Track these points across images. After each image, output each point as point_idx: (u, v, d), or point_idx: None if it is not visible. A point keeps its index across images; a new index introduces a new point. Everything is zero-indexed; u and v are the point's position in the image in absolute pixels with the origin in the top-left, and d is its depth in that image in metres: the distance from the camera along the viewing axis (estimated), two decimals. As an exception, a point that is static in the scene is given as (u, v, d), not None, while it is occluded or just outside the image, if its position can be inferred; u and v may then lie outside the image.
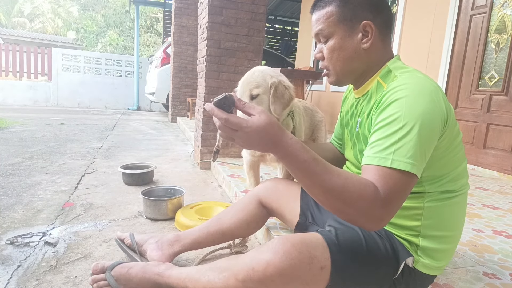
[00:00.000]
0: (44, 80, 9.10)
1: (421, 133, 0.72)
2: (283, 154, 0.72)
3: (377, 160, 0.73)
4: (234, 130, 0.71)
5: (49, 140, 3.83)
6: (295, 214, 1.20)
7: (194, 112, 5.28)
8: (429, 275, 0.90)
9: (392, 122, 0.74)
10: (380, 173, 0.71)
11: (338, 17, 0.88)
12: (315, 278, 0.79)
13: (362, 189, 0.69)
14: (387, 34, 0.91)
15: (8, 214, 1.74)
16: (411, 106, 0.74)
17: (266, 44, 10.31)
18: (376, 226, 0.72)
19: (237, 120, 0.70)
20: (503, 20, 2.98)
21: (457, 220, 0.90)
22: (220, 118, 0.70)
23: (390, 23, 0.92)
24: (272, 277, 0.77)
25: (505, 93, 2.94)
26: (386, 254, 0.85)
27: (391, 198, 0.70)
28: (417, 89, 0.77)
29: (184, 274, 0.97)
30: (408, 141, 0.72)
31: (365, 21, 0.86)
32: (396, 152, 0.71)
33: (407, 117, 0.73)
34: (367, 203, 0.69)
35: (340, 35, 0.88)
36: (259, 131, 0.70)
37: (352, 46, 0.88)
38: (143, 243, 1.30)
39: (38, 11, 20.28)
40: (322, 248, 0.81)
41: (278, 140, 0.71)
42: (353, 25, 0.87)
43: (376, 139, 0.76)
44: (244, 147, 0.74)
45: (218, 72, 2.82)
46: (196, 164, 3.06)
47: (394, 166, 0.71)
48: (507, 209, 1.97)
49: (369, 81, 0.92)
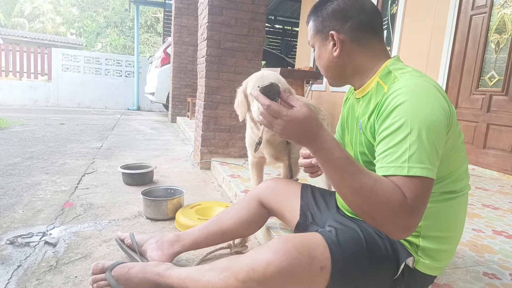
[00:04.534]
0: (44, 80, 9.10)
1: (430, 136, 0.72)
2: (318, 148, 0.74)
3: (393, 169, 0.72)
4: (274, 117, 0.73)
5: (49, 140, 3.83)
6: (295, 214, 1.20)
7: (194, 112, 5.28)
8: (429, 275, 0.90)
9: (399, 129, 0.74)
10: (401, 182, 0.71)
11: (314, 30, 0.97)
12: (316, 278, 0.79)
13: (391, 193, 0.69)
14: (365, 38, 0.91)
15: (8, 214, 1.74)
16: (415, 109, 0.74)
17: (266, 44, 10.30)
18: (403, 233, 0.72)
19: (278, 108, 0.73)
20: (503, 20, 2.98)
21: (458, 221, 0.90)
22: (263, 104, 0.74)
23: (369, 26, 0.91)
24: (273, 277, 0.77)
25: (505, 93, 2.94)
26: (386, 255, 0.85)
27: (417, 205, 0.70)
28: (419, 91, 0.77)
29: (184, 274, 0.97)
30: (420, 146, 0.72)
31: (331, 32, 0.91)
32: (410, 159, 0.71)
33: (413, 122, 0.73)
34: (394, 208, 0.69)
35: (317, 45, 0.97)
36: (298, 121, 0.72)
37: (326, 55, 0.95)
38: (143, 243, 1.30)
39: (38, 11, 20.28)
40: (323, 248, 0.81)
41: (314, 134, 0.73)
42: (325, 36, 0.94)
43: (386, 148, 0.76)
44: (281, 135, 0.75)
45: (218, 72, 2.82)
46: (196, 164, 3.06)
47: (411, 173, 0.70)
48: (507, 209, 1.97)
49: (368, 82, 0.93)
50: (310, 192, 1.23)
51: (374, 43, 0.93)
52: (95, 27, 17.75)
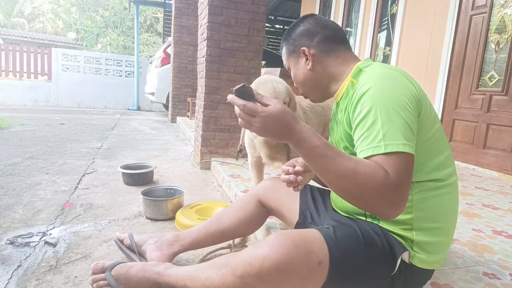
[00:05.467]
0: (44, 80, 9.10)
1: (398, 113, 0.77)
2: (296, 140, 0.76)
3: (371, 150, 0.76)
4: (251, 116, 0.76)
5: (49, 140, 3.83)
6: (295, 214, 1.21)
7: (194, 112, 5.28)
8: (427, 270, 0.91)
9: (369, 113, 0.79)
10: (381, 161, 0.74)
11: (287, 53, 1.09)
12: (313, 273, 0.79)
13: (373, 171, 0.72)
14: (332, 48, 1.01)
15: (8, 214, 1.74)
16: (380, 92, 0.80)
17: (266, 44, 10.30)
18: (393, 210, 0.74)
19: (254, 106, 0.76)
20: (503, 20, 2.98)
21: (449, 211, 0.91)
22: (238, 105, 0.76)
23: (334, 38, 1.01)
24: (270, 271, 0.77)
25: (505, 93, 2.94)
26: (383, 251, 0.86)
27: (400, 180, 0.72)
28: (383, 77, 0.84)
29: (183, 273, 0.97)
30: (391, 124, 0.76)
31: (302, 48, 1.01)
32: (385, 137, 0.75)
33: (380, 103, 0.78)
34: (379, 185, 0.71)
35: (292, 65, 1.08)
36: (274, 116, 0.75)
37: (301, 70, 1.05)
38: (142, 243, 1.30)
39: (38, 11, 20.29)
40: (320, 243, 0.81)
41: (291, 127, 0.76)
42: (297, 54, 1.05)
43: (361, 133, 0.80)
44: (260, 133, 0.78)
45: (218, 72, 2.82)
46: (196, 164, 3.06)
47: (389, 150, 0.74)
48: (507, 209, 1.97)
49: (343, 84, 0.99)
50: (309, 192, 1.24)
51: (342, 51, 1.02)
52: (95, 28, 17.75)
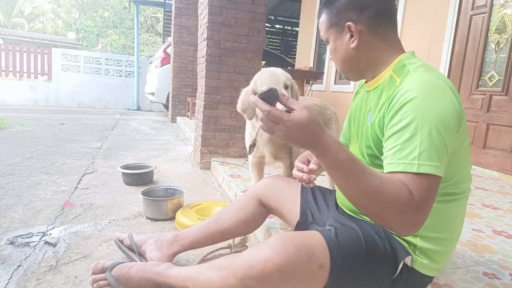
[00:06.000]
0: (44, 80, 9.10)
1: (440, 134, 0.72)
2: (321, 151, 0.72)
3: (403, 166, 0.72)
4: (275, 123, 0.71)
5: (49, 140, 3.83)
6: (295, 214, 1.19)
7: (194, 112, 5.27)
8: (427, 275, 0.90)
9: (409, 125, 0.74)
10: (409, 179, 0.70)
11: (328, 23, 0.95)
12: (314, 276, 0.79)
13: (397, 192, 0.69)
14: (382, 27, 0.90)
15: (8, 214, 1.74)
16: (426, 106, 0.74)
17: (266, 44, 10.30)
18: (409, 231, 0.72)
19: (279, 113, 0.71)
20: (503, 20, 2.98)
21: (456, 223, 0.90)
22: (263, 110, 0.71)
23: (386, 15, 0.90)
24: (271, 274, 0.77)
25: (505, 93, 2.94)
26: (385, 254, 0.85)
27: (424, 203, 0.70)
28: (431, 87, 0.76)
29: (184, 273, 0.97)
30: (430, 144, 0.71)
31: (348, 23, 0.89)
32: (420, 156, 0.71)
33: (424, 118, 0.73)
34: (402, 207, 0.69)
35: (332, 39, 0.95)
36: (300, 126, 0.71)
37: (343, 47, 0.93)
38: (142, 243, 1.29)
39: (38, 11, 20.28)
40: (321, 247, 0.81)
41: (317, 137, 0.72)
42: (340, 28, 0.92)
43: (395, 144, 0.75)
44: (283, 140, 0.74)
45: (218, 72, 2.82)
46: (196, 164, 3.06)
47: (421, 170, 0.70)
48: (507, 209, 1.97)
49: (381, 75, 0.91)
50: (310, 191, 1.22)
51: (391, 34, 0.92)
52: (95, 28, 17.75)
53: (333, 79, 5.53)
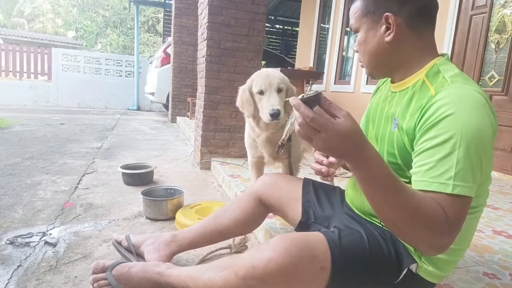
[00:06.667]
0: (44, 80, 9.10)
1: (478, 153, 0.69)
2: (360, 164, 0.67)
3: (436, 186, 0.69)
4: (317, 130, 0.65)
5: (49, 140, 3.83)
6: (297, 213, 1.16)
7: (194, 112, 5.27)
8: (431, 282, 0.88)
9: (446, 142, 0.70)
10: (443, 200, 0.68)
11: (362, 11, 0.87)
12: (315, 277, 0.78)
13: (434, 213, 0.66)
14: (421, 24, 0.84)
15: (8, 214, 1.74)
16: (465, 123, 0.69)
17: (266, 44, 10.30)
18: (436, 252, 0.71)
19: (324, 121, 0.64)
20: (503, 20, 2.98)
21: (468, 235, 0.88)
22: (305, 116, 0.64)
23: (427, 13, 0.84)
24: (272, 274, 0.77)
25: (505, 93, 2.94)
26: (389, 259, 0.84)
27: (457, 225, 0.68)
28: (470, 103, 0.71)
29: (185, 273, 0.97)
30: (467, 164, 0.68)
31: (386, 13, 0.82)
32: (456, 176, 0.67)
33: (463, 137, 0.69)
34: (436, 229, 0.67)
35: (365, 29, 0.87)
36: (343, 135, 0.64)
37: (375, 39, 0.85)
38: (140, 244, 1.28)
39: (38, 11, 20.28)
40: (324, 248, 0.80)
41: (359, 149, 0.66)
42: (376, 18, 0.84)
43: (429, 160, 0.71)
44: (321, 149, 0.68)
45: (218, 72, 2.82)
46: (196, 164, 3.06)
47: (456, 192, 0.67)
48: (507, 209, 1.97)
49: (411, 77, 0.86)
50: (312, 189, 1.18)
51: (429, 33, 0.86)
52: (95, 27, 17.74)
53: (333, 79, 5.53)
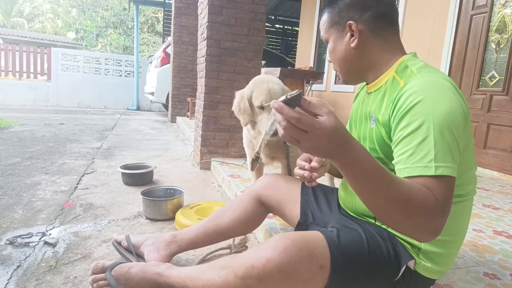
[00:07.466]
0: (43, 80, 9.09)
1: (452, 134, 0.72)
2: (349, 160, 0.66)
3: (420, 170, 0.70)
4: (304, 131, 0.62)
5: (48, 140, 3.83)
6: (296, 213, 1.17)
7: (194, 112, 5.28)
8: (430, 278, 0.89)
9: (419, 128, 0.73)
10: (430, 183, 0.69)
11: (329, 23, 0.95)
12: (314, 276, 0.78)
13: (425, 198, 0.67)
14: (383, 28, 0.90)
15: (7, 214, 1.73)
16: (435, 107, 0.73)
17: (266, 44, 10.30)
18: (432, 237, 0.71)
19: (310, 120, 0.62)
20: (503, 20, 2.98)
21: (461, 226, 0.89)
22: (291, 117, 0.61)
23: (387, 17, 0.91)
24: (271, 273, 0.77)
25: (505, 93, 2.94)
26: (388, 257, 0.84)
27: (446, 206, 0.69)
28: (437, 88, 0.76)
29: (184, 273, 0.96)
30: (444, 145, 0.71)
31: (349, 22, 0.90)
32: (436, 158, 0.70)
33: (434, 119, 0.72)
34: (430, 212, 0.67)
35: (333, 38, 0.95)
36: (330, 133, 0.63)
37: (343, 46, 0.93)
38: (139, 245, 1.28)
39: (37, 11, 20.27)
40: (323, 248, 0.80)
41: (346, 144, 0.65)
42: (341, 27, 0.92)
43: (408, 148, 0.73)
44: (309, 149, 0.65)
45: (218, 72, 2.81)
46: (196, 164, 3.06)
47: (439, 173, 0.69)
48: (508, 209, 1.96)
49: (382, 76, 0.91)
50: (310, 190, 1.20)
51: (392, 35, 0.92)
52: (94, 28, 17.73)
53: (333, 79, 5.53)
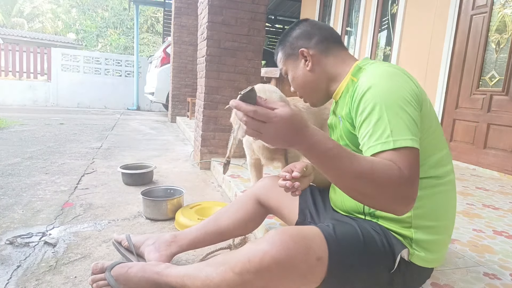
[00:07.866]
0: (43, 80, 9.09)
1: (403, 110, 0.78)
2: (309, 144, 0.70)
3: (380, 146, 0.75)
4: (262, 122, 0.68)
5: (48, 140, 3.83)
6: (294, 213, 1.20)
7: (194, 112, 5.27)
8: (426, 268, 0.91)
9: (373, 110, 0.79)
10: (391, 156, 0.73)
11: (284, 56, 1.09)
12: (312, 269, 0.79)
13: (388, 168, 0.70)
14: (329, 48, 1.03)
15: (7, 214, 1.73)
16: (382, 89, 0.80)
17: (266, 44, 10.31)
18: (406, 206, 0.72)
19: (266, 111, 0.68)
20: (503, 20, 2.98)
21: (447, 209, 0.91)
22: (248, 111, 0.68)
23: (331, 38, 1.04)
24: (269, 267, 0.77)
25: (505, 93, 2.94)
26: (383, 248, 0.86)
27: (412, 175, 0.72)
28: (384, 74, 0.84)
29: (183, 272, 0.97)
30: (397, 120, 0.76)
31: (300, 49, 1.03)
32: (393, 133, 0.75)
33: (384, 100, 0.78)
34: (396, 182, 0.70)
35: (291, 68, 1.08)
36: (287, 121, 0.68)
37: (300, 72, 1.05)
38: (140, 244, 1.29)
39: (37, 11, 20.27)
40: (319, 240, 0.82)
41: (303, 130, 0.70)
42: (295, 57, 1.06)
43: (367, 130, 0.79)
44: (270, 141, 0.71)
45: (218, 72, 2.81)
46: (196, 164, 3.05)
47: (397, 145, 0.73)
48: (508, 209, 1.96)
49: (342, 82, 1.00)
50: (308, 192, 1.23)
51: (340, 50, 1.04)
52: (94, 28, 17.73)
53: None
